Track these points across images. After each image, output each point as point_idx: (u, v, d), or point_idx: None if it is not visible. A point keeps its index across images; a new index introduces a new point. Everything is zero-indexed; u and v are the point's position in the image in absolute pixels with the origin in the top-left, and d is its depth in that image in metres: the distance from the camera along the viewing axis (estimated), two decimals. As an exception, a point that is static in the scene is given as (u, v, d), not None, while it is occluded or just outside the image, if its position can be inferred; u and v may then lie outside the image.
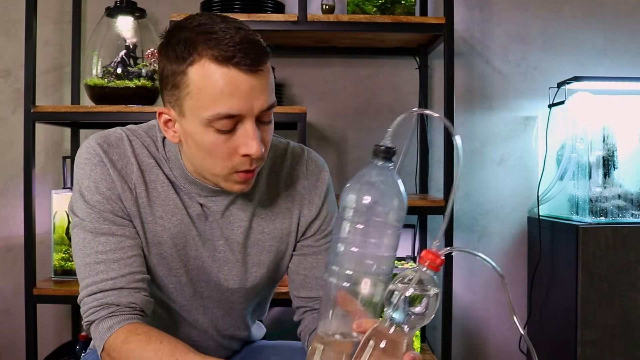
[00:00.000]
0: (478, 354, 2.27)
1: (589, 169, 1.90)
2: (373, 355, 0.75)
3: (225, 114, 0.90)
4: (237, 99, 0.89)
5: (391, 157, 0.80)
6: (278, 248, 1.11)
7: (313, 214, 1.10)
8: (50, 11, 2.16)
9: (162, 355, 0.88)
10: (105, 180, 1.00)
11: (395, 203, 0.79)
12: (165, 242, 1.04)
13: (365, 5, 1.93)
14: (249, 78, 0.90)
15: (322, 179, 1.12)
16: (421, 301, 0.75)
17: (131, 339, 0.91)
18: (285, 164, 1.11)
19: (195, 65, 0.90)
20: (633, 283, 1.84)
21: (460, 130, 2.17)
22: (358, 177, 0.80)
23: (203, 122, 0.91)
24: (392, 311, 0.76)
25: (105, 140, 1.02)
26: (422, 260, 0.76)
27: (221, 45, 0.88)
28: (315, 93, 2.22)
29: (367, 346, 0.76)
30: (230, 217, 1.07)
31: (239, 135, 0.92)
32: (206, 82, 0.89)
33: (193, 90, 0.90)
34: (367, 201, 0.78)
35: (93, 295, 0.97)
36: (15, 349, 2.14)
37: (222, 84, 0.89)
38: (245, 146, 0.92)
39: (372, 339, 0.76)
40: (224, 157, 0.94)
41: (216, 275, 1.08)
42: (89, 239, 0.99)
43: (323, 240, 1.12)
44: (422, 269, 0.76)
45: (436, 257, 0.76)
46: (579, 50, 2.25)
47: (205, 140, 0.93)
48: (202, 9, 1.93)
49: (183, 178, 1.04)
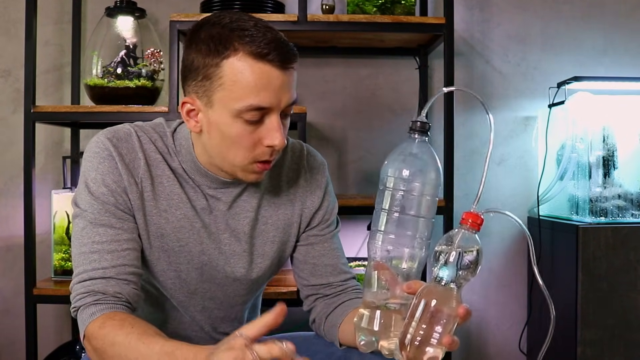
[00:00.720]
0: (478, 354, 2.27)
1: (589, 169, 1.90)
2: (425, 312, 0.81)
3: (257, 105, 0.95)
4: (269, 93, 0.95)
5: (427, 131, 0.89)
6: (281, 239, 1.15)
7: (316, 205, 1.16)
8: (50, 11, 2.16)
9: (130, 338, 0.89)
10: (112, 173, 1.03)
11: (432, 172, 0.87)
12: (168, 235, 1.07)
13: (365, 5, 1.93)
14: (281, 74, 0.96)
15: (322, 172, 1.19)
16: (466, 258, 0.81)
17: (107, 323, 0.93)
18: (286, 158, 1.16)
19: (230, 59, 0.95)
20: (633, 283, 1.84)
21: (460, 130, 2.17)
22: (399, 150, 0.89)
23: (233, 112, 0.96)
24: (440, 270, 0.82)
25: (115, 135, 1.06)
26: (464, 221, 0.83)
27: (256, 42, 0.94)
28: (315, 93, 2.22)
29: (419, 305, 0.81)
30: (237, 209, 1.11)
31: (265, 127, 0.98)
32: (241, 75, 0.95)
33: (226, 82, 0.95)
34: (408, 171, 0.87)
35: (82, 283, 0.99)
36: (15, 349, 2.14)
37: (256, 78, 0.94)
38: (270, 138, 0.98)
39: (424, 298, 0.82)
40: (248, 147, 0.99)
41: (223, 267, 1.11)
42: (87, 229, 1.01)
43: (327, 230, 1.18)
44: (465, 228, 0.83)
45: (477, 217, 0.83)
46: (579, 50, 2.25)
47: (233, 130, 0.98)
48: (202, 9, 1.93)
49: (194, 170, 1.07)
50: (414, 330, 0.81)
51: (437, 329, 0.81)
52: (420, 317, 0.81)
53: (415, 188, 0.86)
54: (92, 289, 0.98)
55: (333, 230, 1.19)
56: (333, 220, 1.19)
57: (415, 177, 0.86)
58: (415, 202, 0.86)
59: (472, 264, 0.81)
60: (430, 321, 0.81)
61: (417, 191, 0.86)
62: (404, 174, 0.86)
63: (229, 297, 1.15)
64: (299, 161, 1.17)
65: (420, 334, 0.80)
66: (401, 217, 0.86)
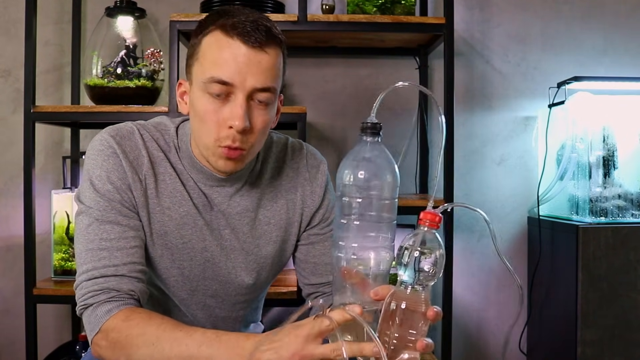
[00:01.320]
0: (478, 354, 2.27)
1: (589, 169, 1.90)
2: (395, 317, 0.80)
3: (219, 78, 0.96)
4: (232, 67, 0.95)
5: (378, 132, 0.87)
6: (282, 238, 1.16)
7: (316, 203, 1.17)
8: (50, 11, 2.16)
9: (165, 327, 0.90)
10: (117, 170, 1.03)
11: (387, 175, 0.85)
12: (172, 232, 1.08)
13: (365, 5, 1.93)
14: (249, 52, 0.96)
15: (322, 171, 1.19)
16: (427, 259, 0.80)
17: (133, 316, 0.94)
18: (286, 158, 1.17)
19: (207, 35, 0.98)
20: (633, 283, 1.84)
21: (460, 130, 2.17)
22: (351, 154, 0.86)
23: (201, 86, 0.98)
24: (404, 273, 0.81)
25: (118, 133, 1.07)
26: (422, 221, 0.82)
27: (234, 19, 0.96)
28: (315, 93, 2.22)
29: (388, 310, 0.81)
30: (237, 208, 1.11)
31: (228, 107, 0.98)
32: (211, 48, 0.97)
33: (200, 56, 0.99)
34: (362, 175, 0.84)
35: (93, 280, 0.98)
36: (15, 349, 2.14)
37: (222, 51, 0.96)
38: (231, 118, 0.97)
39: (392, 303, 0.81)
40: (213, 126, 0.99)
41: (225, 263, 1.12)
42: (94, 225, 1.01)
43: (327, 228, 1.18)
44: (424, 229, 0.81)
45: (434, 216, 0.82)
46: (579, 50, 2.25)
47: (200, 105, 0.99)
48: (202, 9, 1.93)
49: (191, 166, 1.08)
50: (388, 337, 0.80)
51: (410, 332, 0.80)
52: (391, 323, 0.80)
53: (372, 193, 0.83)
54: (105, 287, 0.98)
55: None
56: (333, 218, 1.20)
57: (371, 182, 0.83)
58: (375, 206, 0.84)
59: (432, 264, 0.80)
60: (401, 325, 0.80)
61: (375, 196, 0.83)
62: (359, 180, 0.84)
63: (230, 296, 1.16)
64: (298, 160, 1.18)
65: (393, 340, 0.80)
66: (362, 223, 0.84)
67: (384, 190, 0.84)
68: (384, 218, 0.84)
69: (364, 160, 0.84)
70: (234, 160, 1.01)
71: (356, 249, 0.84)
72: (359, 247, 0.84)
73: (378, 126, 0.86)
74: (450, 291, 1.89)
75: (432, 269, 0.80)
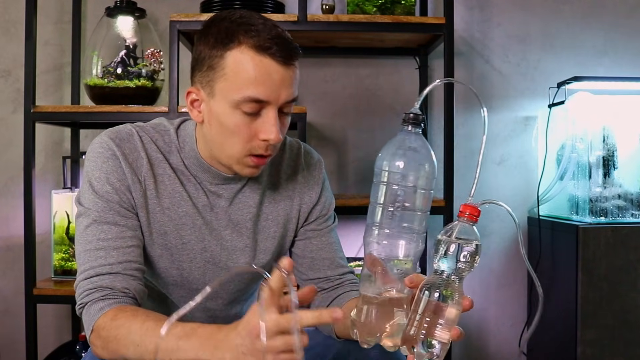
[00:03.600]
0: (478, 354, 2.27)
1: (589, 169, 1.90)
2: (429, 305, 0.81)
3: (255, 97, 0.98)
4: (268, 86, 0.98)
5: (420, 123, 0.88)
6: (281, 234, 1.17)
7: (313, 200, 1.19)
8: (50, 11, 2.16)
9: (148, 325, 0.90)
10: (116, 172, 1.05)
11: (427, 165, 0.86)
12: (171, 232, 1.09)
13: (365, 5, 1.93)
14: (281, 69, 0.98)
15: (319, 169, 1.21)
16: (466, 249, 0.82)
17: (119, 315, 0.94)
18: (284, 156, 1.19)
19: (234, 51, 0.98)
20: (633, 283, 1.84)
21: (460, 130, 2.17)
22: (393, 142, 0.87)
23: (232, 103, 0.99)
24: (440, 262, 0.83)
25: (117, 135, 1.08)
26: (462, 213, 0.84)
27: (260, 36, 0.97)
28: (315, 93, 2.22)
29: (422, 298, 0.82)
30: (239, 204, 1.13)
31: (262, 121, 1.00)
32: (242, 67, 0.98)
33: (228, 73, 0.99)
34: (402, 164, 0.85)
35: (89, 279, 1.00)
36: (15, 349, 2.14)
37: (257, 70, 0.97)
38: (266, 131, 1.00)
39: (426, 291, 0.82)
40: (244, 139, 1.01)
41: (225, 264, 1.13)
42: (92, 226, 1.02)
43: (324, 224, 1.20)
44: (463, 221, 0.83)
45: (474, 209, 0.84)
46: (579, 50, 2.25)
47: (231, 121, 1.00)
48: (202, 9, 1.93)
49: (196, 165, 1.09)
50: (418, 324, 0.81)
51: (441, 321, 0.81)
52: (423, 310, 0.81)
53: (410, 181, 0.85)
54: (99, 285, 0.98)
55: (330, 225, 1.21)
56: (330, 215, 1.22)
57: (410, 170, 0.85)
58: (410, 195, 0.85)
59: (471, 255, 0.82)
60: (433, 314, 0.81)
61: (412, 184, 0.85)
62: (398, 167, 0.85)
63: (230, 293, 1.17)
64: (296, 159, 1.20)
65: (424, 327, 0.81)
66: (396, 211, 0.85)
67: (423, 181, 0.85)
68: (419, 207, 0.86)
69: (407, 149, 0.86)
70: (260, 167, 1.05)
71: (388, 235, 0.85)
72: (391, 234, 0.85)
73: (421, 117, 0.88)
74: (450, 291, 1.88)
75: (471, 259, 0.82)
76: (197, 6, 1.97)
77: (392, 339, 0.85)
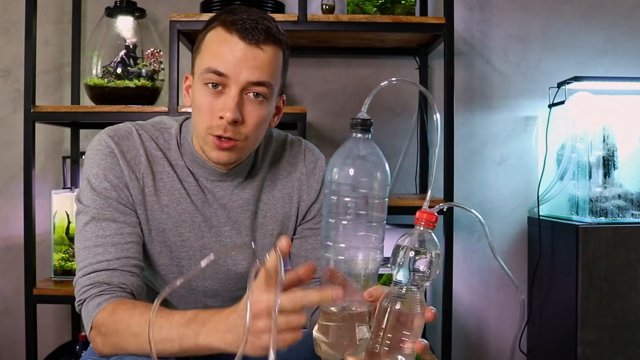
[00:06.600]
0: (478, 354, 2.27)
1: (589, 169, 1.90)
2: (391, 318, 0.79)
3: (214, 69, 1.00)
4: (228, 60, 0.99)
5: (369, 128, 0.83)
6: (279, 232, 1.18)
7: (312, 198, 1.19)
8: (50, 11, 2.16)
9: (147, 316, 0.90)
10: (114, 169, 1.05)
11: (378, 173, 0.81)
12: (170, 229, 1.10)
13: (365, 5, 1.93)
14: (246, 47, 1.00)
15: (319, 166, 1.21)
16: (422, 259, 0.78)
17: (118, 309, 0.94)
18: (285, 153, 1.19)
19: (211, 30, 1.03)
20: (633, 283, 1.84)
21: (460, 130, 2.17)
22: (340, 152, 0.83)
23: (199, 78, 1.02)
24: (397, 274, 0.79)
25: (116, 133, 1.09)
26: (418, 220, 0.80)
27: (235, 17, 1.01)
28: (315, 93, 2.22)
29: (384, 312, 0.79)
30: (238, 202, 1.13)
31: (222, 98, 1.01)
32: (212, 42, 1.02)
33: (202, 49, 1.04)
34: (353, 174, 0.80)
35: (87, 276, 1.00)
36: (15, 349, 2.14)
37: (220, 43, 1.01)
38: (223, 108, 1.00)
39: (387, 304, 0.79)
40: (206, 115, 1.02)
41: (224, 261, 1.13)
42: (91, 224, 1.03)
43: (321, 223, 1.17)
44: (420, 229, 0.80)
45: (431, 215, 0.80)
46: (579, 50, 2.25)
47: (197, 95, 1.03)
48: (202, 9, 1.93)
49: (192, 161, 1.10)
50: (382, 338, 0.79)
51: (405, 333, 0.78)
52: (386, 323, 0.79)
53: (362, 192, 0.80)
54: (96, 281, 0.99)
55: None
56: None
57: (360, 181, 0.80)
58: (363, 206, 0.80)
59: (427, 265, 0.78)
60: (397, 327, 0.78)
61: (364, 195, 0.80)
62: (347, 178, 0.80)
63: (230, 292, 1.17)
64: (297, 155, 1.20)
65: (387, 342, 0.78)
66: (350, 223, 0.80)
67: (375, 189, 0.81)
68: (374, 217, 0.81)
69: (356, 158, 0.81)
70: (226, 151, 1.04)
71: (344, 249, 0.81)
72: (347, 247, 0.81)
73: (369, 122, 0.83)
74: (450, 291, 1.89)
75: (428, 269, 0.78)
76: (197, 6, 1.97)
77: (355, 356, 0.82)
